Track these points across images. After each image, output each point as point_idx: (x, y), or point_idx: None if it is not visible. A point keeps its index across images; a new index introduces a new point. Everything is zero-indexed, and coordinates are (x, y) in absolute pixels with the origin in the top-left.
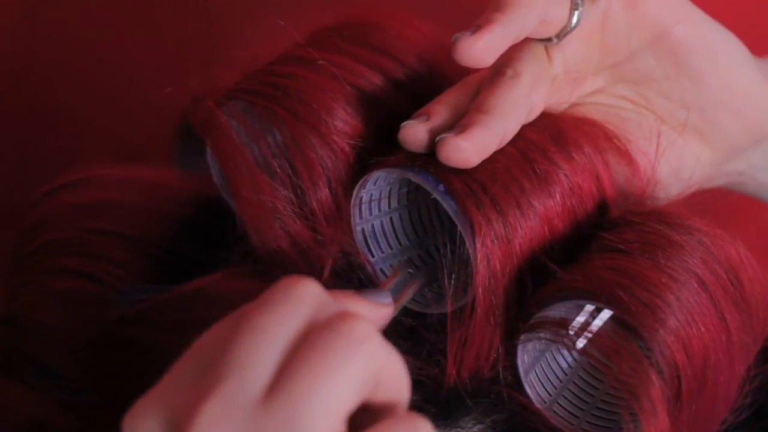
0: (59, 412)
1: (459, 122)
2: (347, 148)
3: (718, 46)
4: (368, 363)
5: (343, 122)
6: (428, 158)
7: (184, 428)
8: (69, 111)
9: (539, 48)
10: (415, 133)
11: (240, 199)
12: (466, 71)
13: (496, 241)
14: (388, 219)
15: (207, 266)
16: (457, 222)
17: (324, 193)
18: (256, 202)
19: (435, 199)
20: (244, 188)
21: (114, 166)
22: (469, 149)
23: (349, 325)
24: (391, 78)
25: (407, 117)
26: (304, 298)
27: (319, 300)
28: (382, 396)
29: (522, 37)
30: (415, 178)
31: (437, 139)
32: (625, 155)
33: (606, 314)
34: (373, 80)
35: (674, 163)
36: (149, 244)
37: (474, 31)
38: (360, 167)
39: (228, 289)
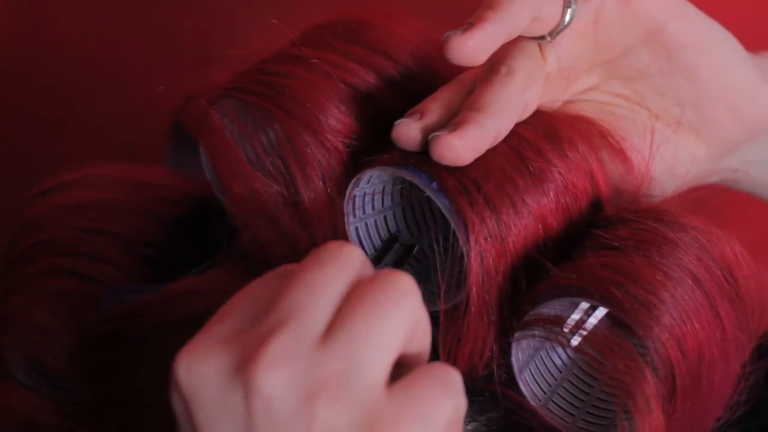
0: (52, 411)
1: (452, 120)
2: (341, 147)
3: (712, 42)
4: (413, 312)
5: (337, 120)
6: (422, 156)
7: (249, 364)
8: (61, 111)
9: (533, 46)
10: (408, 131)
11: (232, 197)
12: (460, 69)
13: (489, 239)
14: (382, 217)
15: (199, 265)
16: (450, 220)
17: (317, 191)
18: (248, 200)
19: (428, 198)
20: (237, 186)
21: (106, 165)
22: (461, 147)
23: (397, 277)
24: (384, 76)
25: (401, 115)
26: (352, 256)
27: (363, 259)
28: (414, 347)
29: (514, 35)
30: (409, 176)
31: (430, 137)
32: (620, 153)
33: (601, 312)
34: (367, 78)
35: (669, 159)
36: (142, 243)
37: (465, 29)
38: (353, 165)
39: (219, 287)
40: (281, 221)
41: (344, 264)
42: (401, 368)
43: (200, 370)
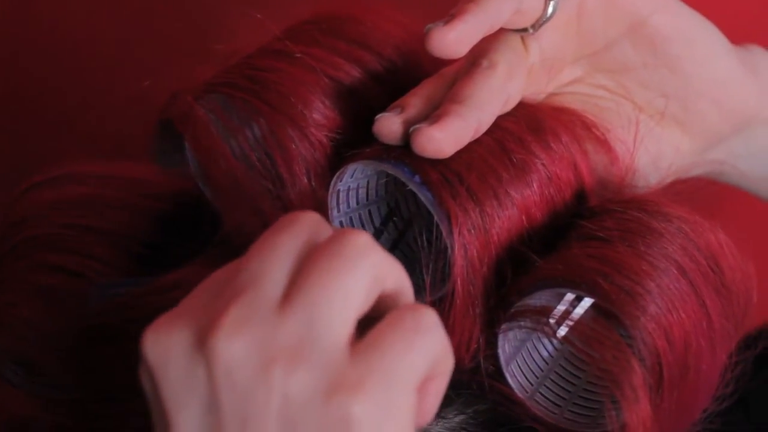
0: (43, 409)
1: (433, 113)
2: (325, 141)
3: (696, 35)
4: (373, 267)
5: (321, 114)
6: (404, 150)
7: (209, 335)
8: (48, 107)
9: (515, 38)
10: (389, 125)
11: (218, 192)
12: (445, 63)
13: (473, 231)
14: (366, 211)
15: (187, 260)
16: (433, 213)
17: (303, 185)
18: (233, 194)
19: (412, 191)
20: (222, 180)
21: (93, 162)
22: (442, 139)
23: (351, 234)
24: (369, 70)
25: (385, 109)
26: (306, 220)
27: (319, 222)
28: (389, 300)
29: (496, 28)
30: (391, 170)
31: (411, 129)
32: (604, 144)
33: (587, 302)
34: (351, 72)
35: (653, 151)
36: (129, 239)
37: (447, 22)
38: (338, 159)
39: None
40: (266, 215)
41: (299, 229)
42: (378, 318)
43: (165, 344)
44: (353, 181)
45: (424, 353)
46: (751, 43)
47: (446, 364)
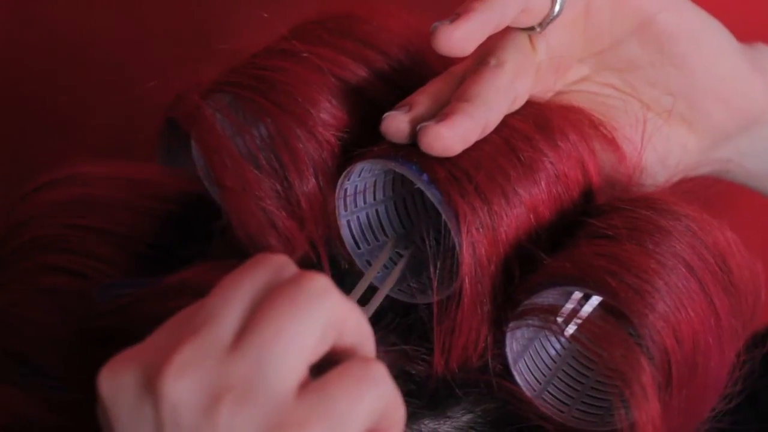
0: (46, 410)
1: (441, 111)
2: (333, 140)
3: (703, 34)
4: (330, 311)
5: (329, 114)
6: (412, 148)
7: (157, 374)
8: (51, 108)
9: (523, 37)
10: (397, 123)
11: (225, 192)
12: (452, 62)
13: (481, 230)
14: (374, 211)
15: (192, 261)
16: (441, 211)
17: (311, 185)
18: (241, 195)
19: (420, 189)
20: (230, 180)
21: (97, 163)
22: (450, 137)
23: (310, 279)
24: (376, 70)
25: (392, 108)
26: (270, 262)
27: (283, 264)
28: (345, 343)
29: (502, 26)
30: (399, 169)
31: (418, 127)
32: (611, 142)
33: (595, 300)
34: (358, 72)
35: (660, 150)
36: (134, 239)
37: (453, 20)
38: (346, 159)
39: (211, 281)
40: (274, 215)
41: (261, 271)
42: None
43: (116, 383)
44: (360, 180)
45: (369, 401)
46: (758, 42)
47: (397, 416)
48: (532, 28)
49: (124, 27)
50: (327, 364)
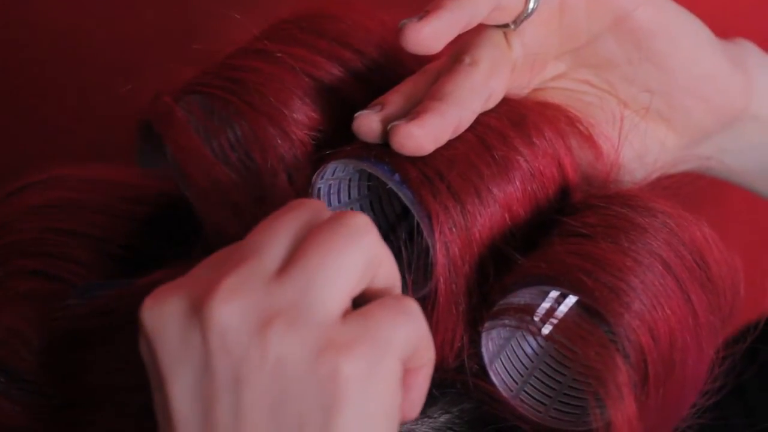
0: (23, 414)
1: (413, 110)
2: (306, 139)
3: (680, 30)
4: (370, 248)
5: (302, 114)
6: (385, 148)
7: (204, 301)
8: (28, 111)
9: (498, 34)
10: (368, 123)
11: (197, 191)
12: (427, 60)
13: (454, 229)
14: (349, 209)
15: (168, 263)
16: (413, 211)
17: (282, 184)
18: (213, 194)
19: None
20: (202, 180)
21: (73, 166)
22: (421, 136)
23: (353, 216)
24: (350, 69)
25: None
26: (309, 204)
27: (321, 207)
28: (379, 283)
29: (473, 24)
30: (371, 169)
31: (389, 126)
32: (588, 139)
33: (571, 300)
34: (333, 71)
35: (638, 147)
36: (111, 242)
37: (421, 17)
38: (320, 159)
39: None
40: (246, 214)
41: (301, 211)
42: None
43: (161, 312)
44: (334, 179)
45: (407, 331)
46: (739, 38)
47: (427, 355)
48: (506, 26)
49: (102, 30)
50: (361, 305)
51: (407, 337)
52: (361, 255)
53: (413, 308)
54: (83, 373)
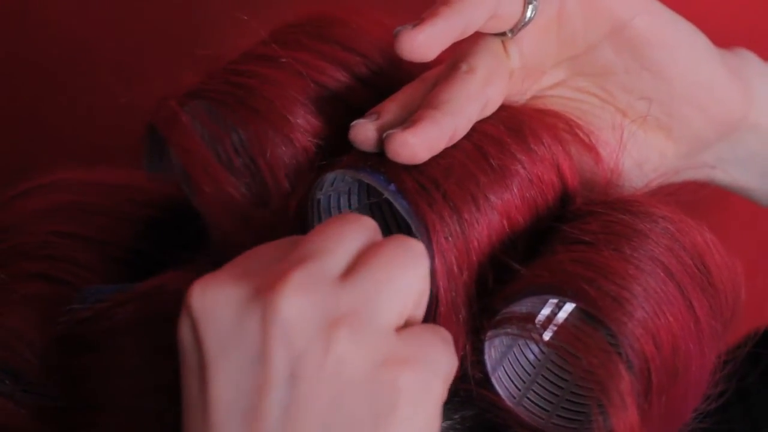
0: (28, 417)
1: (409, 118)
2: (310, 146)
3: (678, 39)
4: (425, 274)
5: (306, 120)
6: (381, 157)
7: (269, 290)
8: (33, 115)
9: (495, 42)
10: (364, 132)
11: (202, 196)
12: (429, 66)
13: (450, 238)
14: None
15: (172, 266)
16: (410, 221)
17: (285, 191)
18: (218, 199)
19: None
20: (207, 185)
21: (77, 169)
22: (416, 144)
23: (416, 243)
24: (354, 73)
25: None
26: (365, 219)
27: (375, 225)
28: (417, 314)
29: (469, 32)
30: (367, 179)
31: (384, 135)
32: (587, 144)
33: (569, 306)
34: (337, 76)
35: (637, 156)
36: (115, 245)
37: (416, 25)
38: (319, 168)
39: (188, 285)
40: (250, 220)
41: (364, 226)
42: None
43: (216, 295)
44: (333, 189)
45: (451, 359)
46: (738, 46)
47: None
48: (504, 34)
49: (109, 33)
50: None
51: (452, 365)
52: (420, 279)
53: (450, 338)
54: (86, 376)
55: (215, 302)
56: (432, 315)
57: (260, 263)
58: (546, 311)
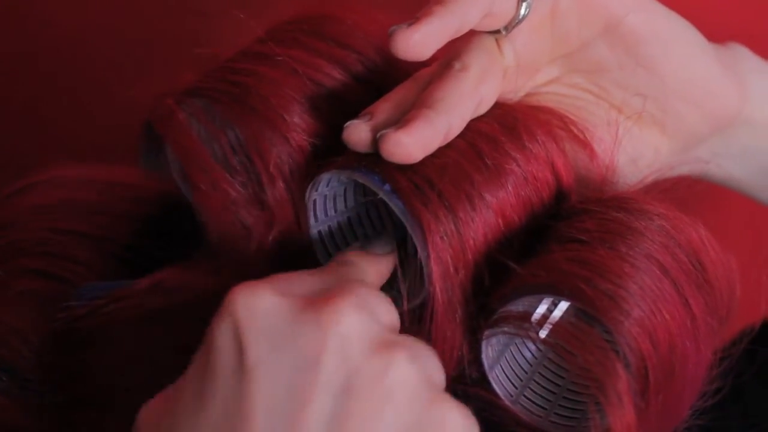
0: (24, 413)
1: (403, 118)
2: (306, 145)
3: (672, 35)
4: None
5: (302, 119)
6: (376, 157)
7: (329, 303)
8: (31, 112)
9: (489, 40)
10: (358, 132)
11: (198, 194)
12: (425, 63)
13: (446, 238)
14: (346, 219)
15: (169, 263)
16: (404, 221)
17: (281, 190)
18: (213, 197)
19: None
20: (203, 183)
21: (75, 166)
22: (410, 144)
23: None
24: (350, 71)
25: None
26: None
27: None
28: None
29: (464, 31)
30: (362, 179)
31: (378, 135)
32: (582, 141)
33: (564, 304)
34: (333, 74)
35: (631, 152)
36: (112, 242)
37: (410, 24)
38: (317, 165)
39: (185, 282)
40: (246, 218)
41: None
42: None
43: (263, 302)
44: (329, 189)
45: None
46: (732, 42)
47: None
48: (498, 32)
49: (109, 32)
50: None
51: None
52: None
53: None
54: (83, 372)
55: (264, 308)
56: (429, 315)
57: (302, 283)
58: (542, 309)
